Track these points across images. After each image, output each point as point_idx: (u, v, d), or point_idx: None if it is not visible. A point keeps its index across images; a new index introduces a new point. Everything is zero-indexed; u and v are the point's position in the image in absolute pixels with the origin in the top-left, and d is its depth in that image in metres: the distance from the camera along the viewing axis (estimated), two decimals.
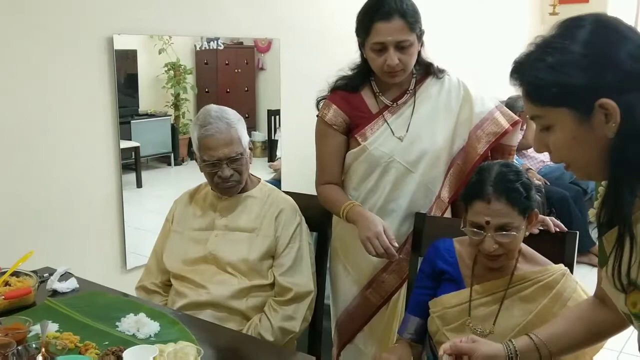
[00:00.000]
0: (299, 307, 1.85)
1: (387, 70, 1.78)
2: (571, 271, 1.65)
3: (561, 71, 0.95)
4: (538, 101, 1.01)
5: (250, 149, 1.92)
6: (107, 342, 1.49)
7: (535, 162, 4.79)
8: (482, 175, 1.48)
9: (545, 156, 4.86)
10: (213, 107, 1.90)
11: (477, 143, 1.87)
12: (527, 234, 1.52)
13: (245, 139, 1.88)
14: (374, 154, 1.87)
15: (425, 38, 1.87)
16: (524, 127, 4.85)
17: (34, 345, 1.41)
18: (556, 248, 1.67)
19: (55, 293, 1.82)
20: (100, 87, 2.56)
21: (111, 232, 2.67)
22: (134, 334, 1.57)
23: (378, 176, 1.89)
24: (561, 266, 1.53)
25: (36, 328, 1.51)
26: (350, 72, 1.94)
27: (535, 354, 1.27)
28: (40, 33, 2.29)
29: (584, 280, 1.57)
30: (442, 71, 1.96)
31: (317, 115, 1.96)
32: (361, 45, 1.85)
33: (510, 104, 4.98)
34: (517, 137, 2.02)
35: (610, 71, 0.94)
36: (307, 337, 2.02)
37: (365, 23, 1.79)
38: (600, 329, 1.29)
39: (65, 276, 1.89)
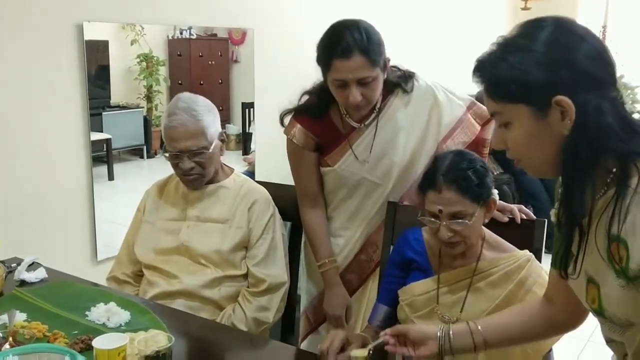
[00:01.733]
0: (273, 298, 1.85)
1: (350, 104, 1.72)
2: (539, 258, 1.67)
3: (520, 68, 0.99)
4: (498, 97, 1.04)
5: (222, 140, 1.89)
6: (76, 332, 1.48)
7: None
8: (435, 165, 1.51)
9: None
10: (183, 96, 1.86)
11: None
12: (487, 220, 1.54)
13: (213, 131, 1.84)
14: (343, 174, 1.87)
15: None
16: None
17: (0, 335, 1.38)
18: (525, 235, 1.70)
19: (23, 283, 1.79)
20: (69, 77, 2.52)
21: (82, 224, 2.63)
22: (104, 323, 1.56)
23: (350, 189, 1.90)
24: (526, 252, 1.55)
25: (3, 318, 1.49)
26: (314, 95, 1.85)
27: (468, 338, 1.28)
28: (4, 20, 2.24)
29: None
30: (410, 80, 1.86)
31: (285, 134, 1.90)
32: (323, 76, 1.76)
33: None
34: (492, 130, 2.00)
35: (567, 70, 0.97)
36: (280, 327, 2.02)
37: (324, 59, 1.69)
38: (543, 327, 1.30)
39: (34, 266, 1.86)
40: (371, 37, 1.67)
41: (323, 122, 1.86)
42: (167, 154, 1.83)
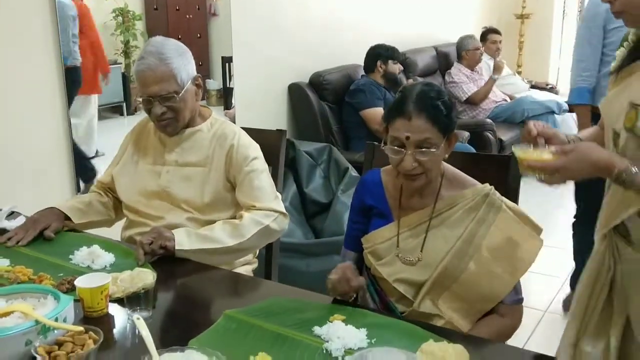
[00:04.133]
0: (269, 215, 1.81)
1: None
2: (516, 195, 1.68)
3: None
4: None
5: (197, 84, 1.85)
6: (61, 274, 1.49)
7: (487, 101, 4.88)
8: (404, 94, 1.49)
9: (497, 96, 4.96)
10: (153, 40, 1.81)
11: None
12: (447, 156, 1.52)
13: (185, 75, 1.77)
14: None
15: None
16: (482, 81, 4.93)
17: None
18: (499, 173, 1.70)
19: (2, 231, 1.79)
20: (42, 33, 2.46)
21: (61, 179, 2.62)
22: (88, 266, 1.57)
23: None
24: (485, 186, 1.52)
25: None
26: None
27: None
28: None
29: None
30: None
31: None
32: None
33: (460, 43, 5.05)
34: None
35: None
36: (263, 275, 2.05)
37: None
38: None
39: (14, 215, 1.86)
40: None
41: None
42: (139, 100, 1.80)
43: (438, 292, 1.47)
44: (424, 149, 1.44)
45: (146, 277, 1.41)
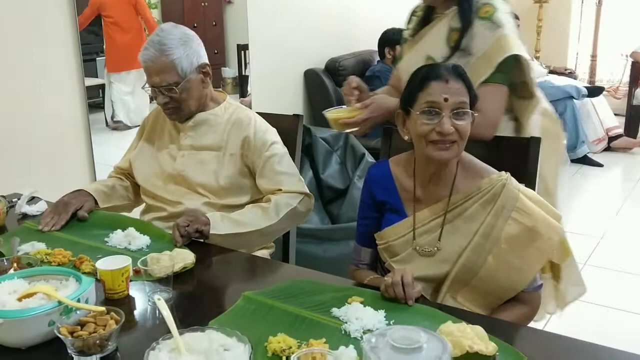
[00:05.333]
0: (293, 197, 1.81)
1: None
2: (533, 179, 1.65)
3: None
4: None
5: (204, 72, 1.82)
6: (100, 256, 1.48)
7: None
8: (432, 65, 1.49)
9: None
10: (161, 28, 1.79)
11: None
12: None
13: (186, 65, 1.75)
14: None
15: None
16: None
17: (5, 262, 1.41)
18: (520, 155, 1.68)
19: (25, 216, 1.82)
20: (60, 22, 2.49)
21: (81, 165, 2.66)
22: (125, 247, 1.59)
23: None
24: (502, 174, 1.47)
25: (24, 248, 1.52)
26: None
27: None
28: None
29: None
30: None
31: None
32: None
33: None
34: None
35: None
36: (280, 260, 2.06)
37: None
38: None
39: (35, 200, 1.88)
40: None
41: None
42: (147, 87, 1.81)
43: (457, 289, 1.45)
44: (460, 112, 1.41)
45: (187, 256, 1.45)
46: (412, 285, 1.31)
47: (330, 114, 1.67)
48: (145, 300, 1.36)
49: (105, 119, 3.29)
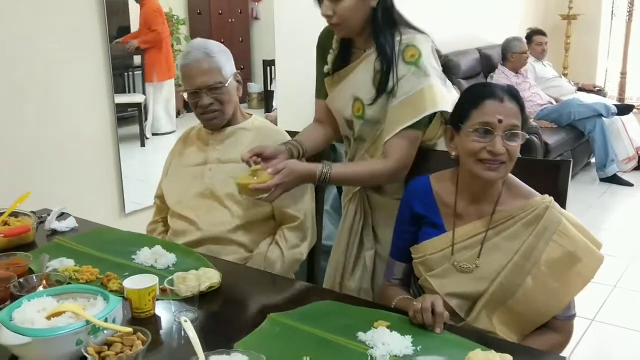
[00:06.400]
0: (306, 233, 1.89)
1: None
2: (564, 201, 1.64)
3: None
4: None
5: (237, 81, 1.91)
6: (126, 273, 1.50)
7: (532, 104, 4.78)
8: (486, 83, 1.49)
9: (542, 99, 4.86)
10: (196, 40, 1.91)
11: None
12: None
13: (228, 69, 1.86)
14: None
15: None
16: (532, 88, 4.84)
17: (34, 278, 1.43)
18: (550, 178, 1.66)
19: (54, 232, 1.84)
20: (91, 38, 2.54)
21: (109, 178, 2.69)
22: (152, 265, 1.60)
23: None
24: (545, 197, 1.47)
25: (53, 264, 1.54)
26: None
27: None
28: None
29: (585, 212, 1.56)
30: None
31: None
32: None
33: (505, 45, 4.94)
34: None
35: None
36: (305, 277, 2.05)
37: None
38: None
39: (64, 216, 1.91)
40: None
41: None
42: (185, 93, 1.86)
43: (493, 307, 1.43)
44: (512, 134, 1.40)
45: (212, 276, 1.46)
46: (442, 314, 1.29)
47: (239, 180, 1.60)
48: (171, 319, 1.37)
49: (142, 130, 3.32)
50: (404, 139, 1.66)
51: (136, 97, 3.32)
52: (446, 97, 1.68)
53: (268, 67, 4.01)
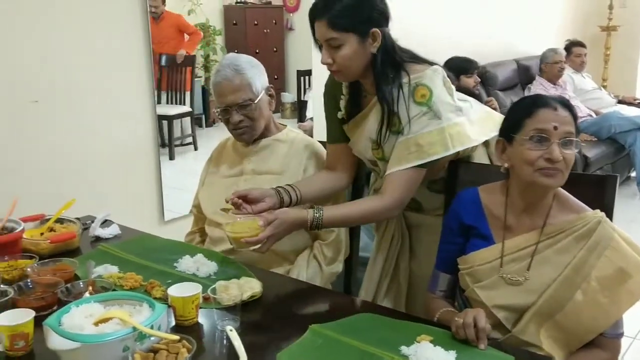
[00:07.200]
0: (340, 247, 1.91)
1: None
2: (610, 216, 1.61)
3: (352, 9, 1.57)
4: (336, 28, 1.57)
5: (270, 95, 1.92)
6: (170, 281, 1.52)
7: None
8: (537, 94, 1.49)
9: (581, 111, 4.77)
10: (229, 55, 1.93)
11: None
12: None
13: (259, 84, 1.86)
14: None
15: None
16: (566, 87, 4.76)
17: (81, 284, 1.46)
18: (596, 193, 1.64)
19: (98, 239, 1.87)
20: (135, 47, 2.60)
21: (150, 186, 2.74)
22: (194, 273, 1.61)
23: None
24: (597, 212, 1.45)
25: (98, 270, 1.57)
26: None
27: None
28: None
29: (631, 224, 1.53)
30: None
31: None
32: None
33: (540, 55, 4.89)
34: None
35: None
36: (341, 288, 2.04)
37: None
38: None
39: (107, 223, 1.94)
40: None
41: None
42: (216, 110, 1.89)
43: (540, 321, 1.40)
44: (568, 142, 1.39)
45: (254, 285, 1.46)
46: (485, 329, 1.27)
47: (231, 233, 1.56)
48: (213, 327, 1.37)
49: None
50: (406, 176, 1.63)
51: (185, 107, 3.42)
52: (465, 131, 1.65)
53: (302, 78, 4.04)
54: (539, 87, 4.76)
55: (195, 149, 3.47)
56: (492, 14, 4.89)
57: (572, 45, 5.11)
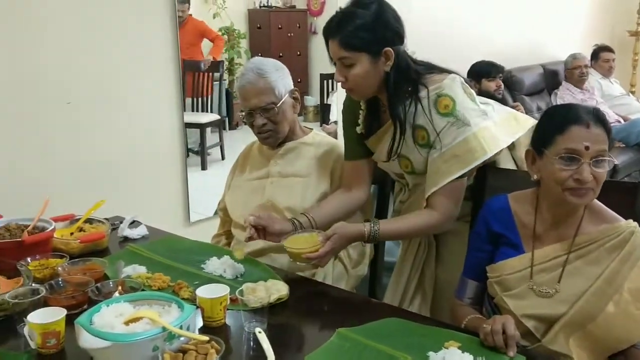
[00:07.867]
0: (366, 250, 1.92)
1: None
2: None
3: (364, 30, 1.57)
4: (348, 48, 1.58)
5: (294, 98, 1.92)
6: (197, 282, 1.53)
7: None
8: (570, 106, 1.43)
9: (609, 117, 4.70)
10: (254, 59, 1.95)
11: None
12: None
13: (282, 87, 1.87)
14: None
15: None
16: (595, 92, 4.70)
17: (110, 284, 1.48)
18: (627, 200, 1.61)
19: (126, 239, 1.90)
20: (162, 52, 2.64)
21: (176, 188, 2.78)
22: (221, 275, 1.63)
23: None
24: (630, 222, 1.42)
25: (126, 270, 1.59)
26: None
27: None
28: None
29: None
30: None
31: None
32: None
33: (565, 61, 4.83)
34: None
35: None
36: (366, 292, 2.04)
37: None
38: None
39: (135, 224, 1.96)
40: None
41: None
42: (241, 113, 1.91)
43: (571, 330, 1.38)
44: (600, 160, 1.35)
45: (281, 288, 1.47)
46: (514, 336, 1.26)
47: (291, 249, 1.58)
48: (240, 329, 1.38)
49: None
50: (451, 188, 1.62)
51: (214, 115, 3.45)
52: (494, 134, 1.64)
53: (325, 81, 4.05)
54: (566, 92, 4.71)
55: (223, 158, 3.47)
56: (520, 19, 4.85)
57: (600, 50, 5.04)
